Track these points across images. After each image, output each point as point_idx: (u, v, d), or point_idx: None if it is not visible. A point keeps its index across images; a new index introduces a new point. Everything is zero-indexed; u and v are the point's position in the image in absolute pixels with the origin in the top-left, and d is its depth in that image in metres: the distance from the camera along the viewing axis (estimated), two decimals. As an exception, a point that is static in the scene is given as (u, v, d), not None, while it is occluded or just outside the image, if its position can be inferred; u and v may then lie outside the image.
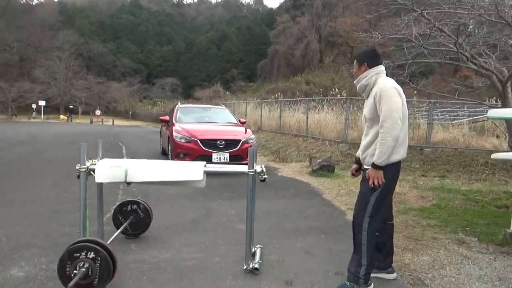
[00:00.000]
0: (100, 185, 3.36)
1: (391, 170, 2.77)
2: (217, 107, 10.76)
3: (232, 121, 9.51)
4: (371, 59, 2.90)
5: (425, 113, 11.92)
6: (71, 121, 38.50)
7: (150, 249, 3.57)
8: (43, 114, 41.60)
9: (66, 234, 3.86)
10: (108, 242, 3.36)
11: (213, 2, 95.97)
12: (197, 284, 2.91)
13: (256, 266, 3.10)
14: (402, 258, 3.56)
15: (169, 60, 64.21)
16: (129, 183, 3.19)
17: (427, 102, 10.77)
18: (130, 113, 45.41)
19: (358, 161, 3.13)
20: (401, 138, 2.72)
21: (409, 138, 10.37)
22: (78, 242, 2.65)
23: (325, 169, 7.80)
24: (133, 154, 10.49)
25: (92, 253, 2.61)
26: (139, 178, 3.05)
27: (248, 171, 3.06)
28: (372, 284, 2.88)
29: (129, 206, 3.80)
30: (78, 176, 3.05)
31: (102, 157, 3.31)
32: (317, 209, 5.24)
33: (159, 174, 3.07)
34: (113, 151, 11.09)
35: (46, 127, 24.24)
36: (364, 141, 2.93)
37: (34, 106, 40.79)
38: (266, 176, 3.18)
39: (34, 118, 40.79)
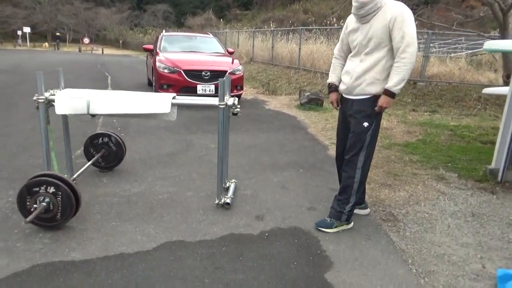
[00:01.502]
0: (65, 117, 3.19)
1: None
2: (204, 36, 10.20)
3: (219, 51, 9.07)
4: None
5: (423, 45, 11.44)
6: (57, 49, 37.08)
7: (122, 183, 3.50)
8: (29, 41, 39.95)
9: (37, 166, 3.75)
10: (76, 175, 3.28)
11: None
12: (166, 218, 2.86)
13: (228, 201, 3.05)
14: (378, 193, 3.52)
15: (160, -16, 60.31)
16: (93, 115, 3.02)
17: (426, 33, 10.26)
18: (121, 41, 43.72)
19: (335, 89, 2.89)
20: None
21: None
22: (37, 176, 2.54)
23: (314, 103, 7.61)
24: (118, 85, 10.16)
25: (52, 187, 2.50)
26: (102, 110, 2.87)
27: (219, 104, 2.87)
28: (352, 223, 2.86)
29: (100, 139, 3.66)
30: (38, 108, 2.86)
31: (82, 88, 3.08)
32: (299, 144, 5.14)
33: (123, 106, 2.88)
34: (98, 81, 10.76)
35: (32, 55, 23.36)
36: (357, 68, 2.63)
37: (19, 32, 39.00)
38: (238, 109, 3.01)
39: (20, 45, 39.20)
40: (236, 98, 3.06)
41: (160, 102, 2.85)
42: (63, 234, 2.56)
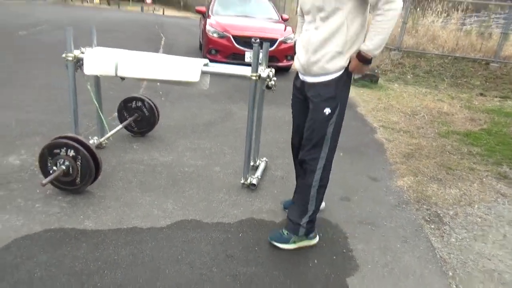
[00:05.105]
0: (96, 77, 3.11)
1: (347, 82, 2.00)
2: (259, 0, 9.75)
3: (273, 17, 8.63)
4: None
5: (504, 20, 10.14)
6: (114, 7, 38.00)
7: (151, 150, 3.40)
8: (96, -1, 41.35)
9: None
10: (104, 138, 3.23)
11: None
12: (187, 193, 2.72)
13: (254, 182, 2.84)
14: (425, 188, 3.14)
15: None
16: (122, 78, 2.89)
17: (508, 7, 9.04)
18: (182, 3, 43.93)
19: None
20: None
21: (475, 50, 8.95)
22: (58, 137, 2.48)
23: (368, 79, 7.06)
24: (170, 47, 10.13)
25: (72, 151, 2.43)
26: (130, 73, 2.71)
27: (251, 75, 2.62)
28: (317, 237, 2.29)
29: (134, 103, 3.56)
30: (67, 66, 2.78)
31: (134, 48, 2.97)
32: (345, 123, 4.67)
33: (152, 70, 2.70)
34: (152, 42, 10.79)
35: (95, 13, 24.07)
36: (313, 38, 1.95)
37: (87, -10, 40.45)
38: (273, 82, 2.73)
39: (88, 2, 40.73)
40: (273, 70, 2.78)
41: (190, 70, 2.64)
42: (81, 199, 2.51)
